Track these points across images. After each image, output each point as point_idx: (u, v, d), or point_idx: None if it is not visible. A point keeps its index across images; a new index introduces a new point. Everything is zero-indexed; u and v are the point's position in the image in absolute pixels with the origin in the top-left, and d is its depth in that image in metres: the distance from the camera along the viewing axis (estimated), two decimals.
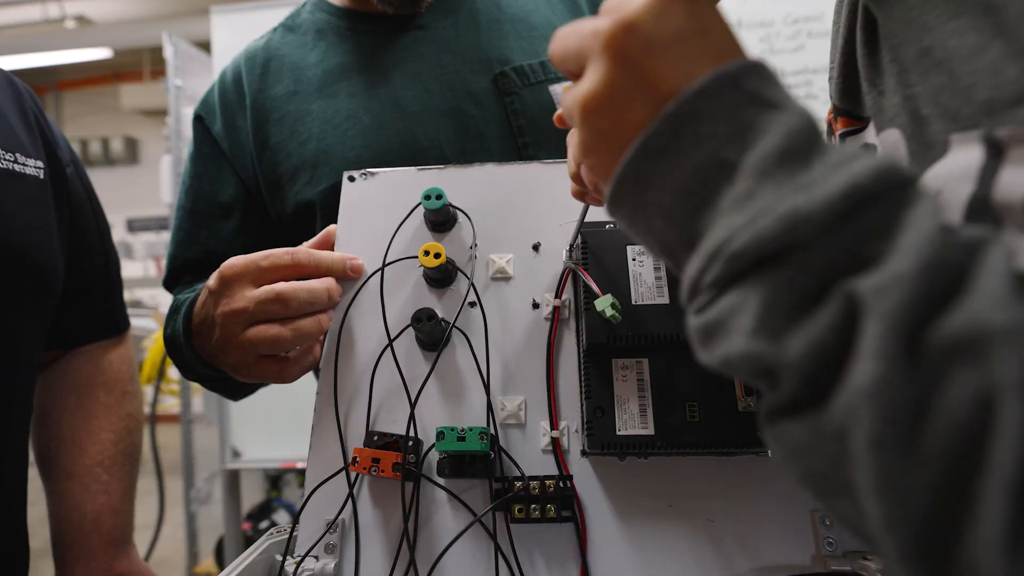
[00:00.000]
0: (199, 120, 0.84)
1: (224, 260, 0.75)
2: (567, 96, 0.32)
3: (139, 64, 6.04)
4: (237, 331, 0.56)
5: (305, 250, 0.57)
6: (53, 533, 0.77)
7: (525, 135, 0.76)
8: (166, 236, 3.75)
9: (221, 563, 2.55)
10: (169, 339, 0.70)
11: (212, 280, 0.58)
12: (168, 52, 2.54)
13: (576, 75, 0.31)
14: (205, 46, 2.89)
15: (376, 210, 0.63)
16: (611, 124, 0.29)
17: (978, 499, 0.19)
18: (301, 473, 3.09)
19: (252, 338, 0.55)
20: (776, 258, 0.23)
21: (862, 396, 0.20)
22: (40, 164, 0.72)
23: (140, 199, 5.85)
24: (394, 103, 0.77)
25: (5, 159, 0.67)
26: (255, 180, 0.80)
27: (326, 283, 0.56)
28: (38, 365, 0.72)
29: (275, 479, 3.12)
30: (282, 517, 2.85)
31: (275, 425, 2.10)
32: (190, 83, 2.65)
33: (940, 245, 0.21)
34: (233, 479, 2.22)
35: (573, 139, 0.37)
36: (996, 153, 0.27)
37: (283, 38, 0.85)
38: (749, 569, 0.49)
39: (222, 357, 0.60)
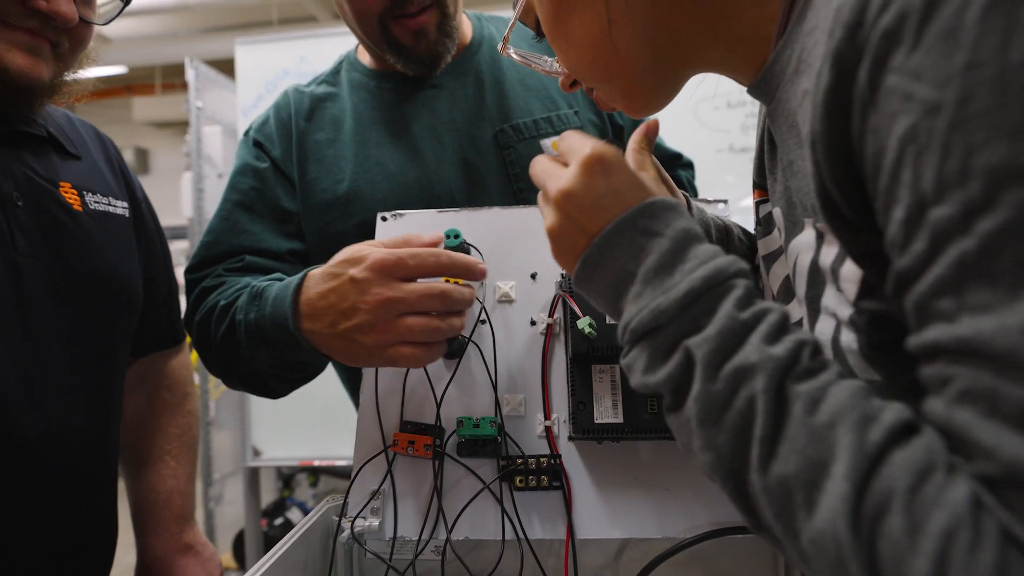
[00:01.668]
0: (258, 145, 0.95)
1: (273, 257, 0.85)
2: (542, 210, 0.49)
3: (151, 77, 6.21)
4: (388, 317, 0.63)
5: (447, 253, 0.65)
6: (133, 510, 0.92)
7: (520, 181, 0.91)
8: (179, 245, 3.89)
9: (241, 558, 2.70)
10: (253, 324, 0.72)
11: (358, 270, 0.64)
12: (190, 76, 2.69)
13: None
14: (216, 64, 3.06)
15: None
16: (567, 246, 0.46)
17: (750, 448, 0.34)
18: (314, 472, 3.23)
19: (411, 325, 0.62)
20: (652, 331, 0.40)
21: (693, 399, 0.37)
22: (125, 204, 0.87)
23: None
24: (414, 153, 0.93)
25: (102, 202, 0.82)
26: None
27: (471, 290, 0.66)
28: (125, 371, 0.87)
29: (288, 479, 3.26)
30: (295, 515, 3.00)
31: (291, 427, 2.25)
32: (208, 103, 2.81)
33: (733, 318, 0.37)
34: (253, 476, 2.37)
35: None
36: (820, 236, 0.42)
37: (326, 91, 0.99)
38: (695, 525, 0.64)
39: (356, 338, 0.64)
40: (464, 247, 0.75)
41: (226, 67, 3.28)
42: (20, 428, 0.65)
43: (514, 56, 0.62)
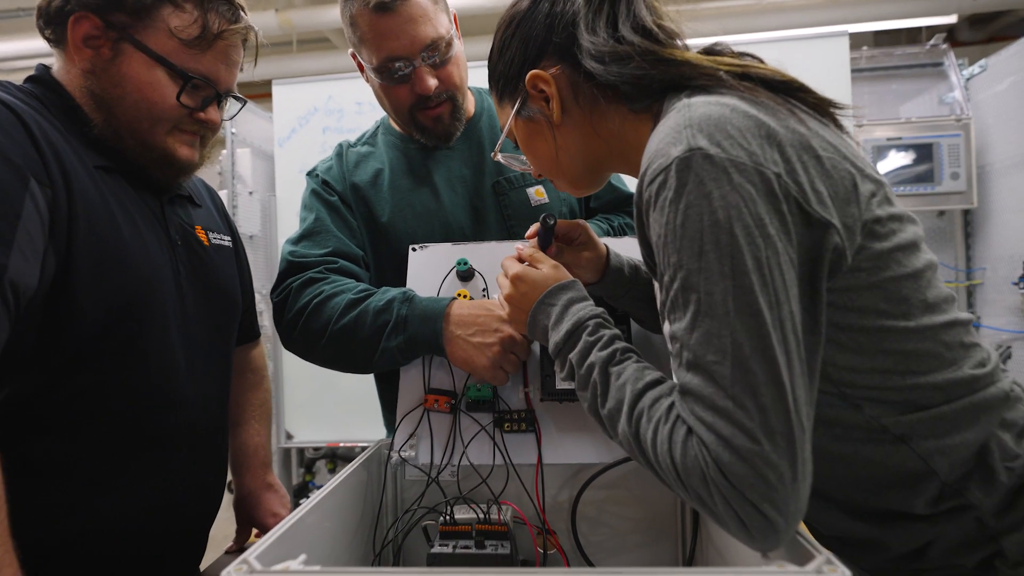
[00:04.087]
0: (326, 183, 1.29)
1: (355, 261, 1.19)
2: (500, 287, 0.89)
3: None
4: (507, 348, 0.98)
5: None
6: (231, 458, 1.27)
7: (511, 220, 1.26)
8: None
9: None
10: (403, 317, 1.03)
11: (504, 313, 0.93)
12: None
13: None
14: (238, 84, 3.41)
15: (430, 269, 1.14)
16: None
17: (597, 399, 0.71)
18: (332, 459, 3.58)
19: (512, 359, 0.99)
20: (558, 354, 0.78)
21: (576, 381, 0.75)
22: (229, 238, 1.22)
23: None
24: (435, 198, 1.27)
25: (217, 238, 1.17)
26: None
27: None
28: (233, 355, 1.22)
29: (309, 465, 3.61)
30: None
31: (319, 414, 2.59)
32: (240, 128, 3.17)
33: (586, 341, 0.74)
34: (286, 457, 2.72)
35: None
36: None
37: (368, 150, 1.34)
38: (621, 455, 0.98)
39: (483, 350, 0.98)
40: (471, 271, 1.11)
41: (247, 88, 3.63)
42: (184, 389, 0.99)
43: (501, 160, 0.98)
